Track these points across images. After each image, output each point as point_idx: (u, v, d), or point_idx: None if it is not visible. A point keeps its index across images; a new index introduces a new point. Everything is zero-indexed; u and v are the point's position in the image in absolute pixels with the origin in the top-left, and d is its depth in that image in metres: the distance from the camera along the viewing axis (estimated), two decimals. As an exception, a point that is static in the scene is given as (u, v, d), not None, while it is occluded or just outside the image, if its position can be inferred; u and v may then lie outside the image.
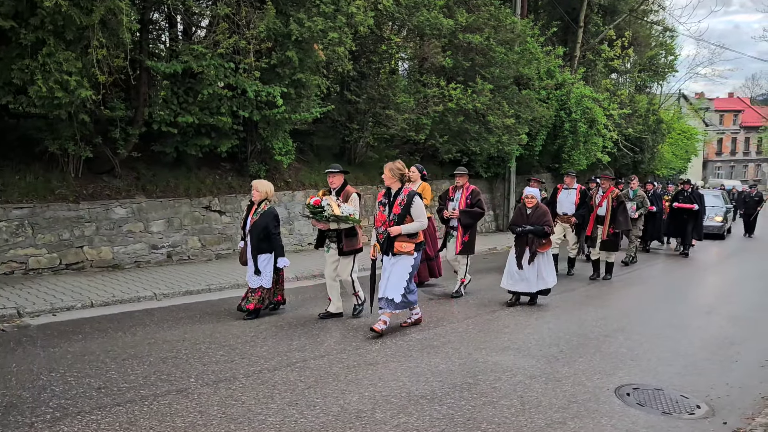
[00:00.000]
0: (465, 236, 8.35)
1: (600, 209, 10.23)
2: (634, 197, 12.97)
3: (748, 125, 66.98)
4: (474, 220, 8.38)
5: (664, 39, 28.49)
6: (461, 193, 8.45)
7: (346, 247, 6.92)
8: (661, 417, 4.54)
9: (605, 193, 10.26)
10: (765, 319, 7.95)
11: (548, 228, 7.84)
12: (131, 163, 10.05)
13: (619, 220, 10.11)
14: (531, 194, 8.08)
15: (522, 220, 8.03)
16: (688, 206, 14.29)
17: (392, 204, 6.35)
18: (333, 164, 7.22)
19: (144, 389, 4.65)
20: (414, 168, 8.69)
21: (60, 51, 7.64)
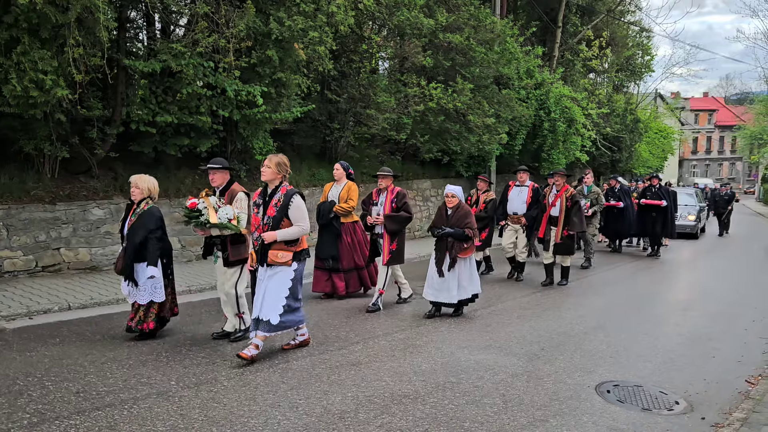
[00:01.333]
0: (393, 244, 7.49)
1: (553, 209, 9.49)
2: (589, 194, 12.41)
3: (723, 124, 68.17)
4: (401, 225, 7.56)
5: (640, 39, 28.88)
6: (386, 196, 7.64)
7: (232, 256, 5.92)
8: (641, 413, 4.59)
9: (559, 191, 9.51)
10: (741, 315, 8.09)
11: (470, 231, 7.07)
12: (109, 164, 9.92)
13: (574, 221, 9.36)
14: (451, 192, 7.28)
15: (442, 221, 7.27)
16: (656, 202, 13.72)
17: (267, 204, 5.43)
18: (215, 158, 6.26)
19: (124, 393, 4.58)
20: (338, 165, 8.16)
21: (35, 49, 7.51)
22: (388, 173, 7.78)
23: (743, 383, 5.37)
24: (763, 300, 9.21)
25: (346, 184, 8.07)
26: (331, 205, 8.01)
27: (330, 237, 8.06)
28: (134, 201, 6.01)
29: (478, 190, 10.08)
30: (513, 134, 17.64)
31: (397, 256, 7.60)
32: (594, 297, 9.08)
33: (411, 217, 7.68)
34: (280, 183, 5.47)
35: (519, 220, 9.83)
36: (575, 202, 9.40)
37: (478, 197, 10.00)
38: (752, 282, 10.99)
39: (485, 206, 9.83)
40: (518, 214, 9.84)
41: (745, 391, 5.12)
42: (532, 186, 9.95)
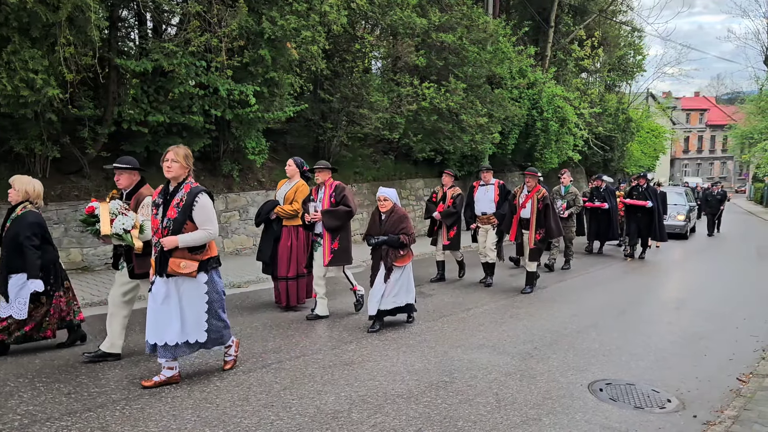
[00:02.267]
0: (334, 243, 6.89)
1: (524, 211, 8.81)
2: (566, 194, 11.78)
3: (714, 124, 68.57)
4: (340, 221, 6.90)
5: (632, 39, 29.02)
6: (324, 191, 7.04)
7: (138, 268, 5.20)
8: (634, 411, 4.61)
9: (530, 192, 8.80)
10: (732, 313, 8.13)
11: (405, 237, 6.48)
12: (100, 163, 9.83)
13: (552, 227, 8.73)
14: (383, 196, 6.64)
15: (375, 228, 6.65)
16: (641, 203, 13.06)
17: (168, 205, 4.66)
18: (123, 157, 5.48)
19: (116, 393, 4.56)
20: (291, 161, 7.47)
21: (26, 48, 7.46)
22: (325, 167, 7.11)
23: (735, 381, 5.40)
24: (754, 298, 9.26)
25: (296, 183, 7.35)
26: (273, 205, 7.37)
27: (267, 240, 7.38)
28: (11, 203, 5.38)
29: (443, 186, 9.58)
30: (506, 134, 17.69)
31: (342, 255, 6.95)
32: (587, 296, 9.10)
33: (351, 212, 6.94)
34: (184, 179, 4.71)
35: (489, 219, 9.36)
36: (547, 205, 8.70)
37: (444, 193, 9.50)
38: (743, 281, 11.06)
39: (453, 202, 9.34)
40: (487, 214, 9.39)
41: (737, 389, 5.15)
42: (497, 183, 9.50)
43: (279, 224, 7.31)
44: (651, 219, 13.13)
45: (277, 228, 7.30)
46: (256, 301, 7.93)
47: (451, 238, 9.40)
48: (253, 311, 7.35)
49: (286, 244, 7.25)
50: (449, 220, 9.30)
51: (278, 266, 7.27)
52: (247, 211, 11.72)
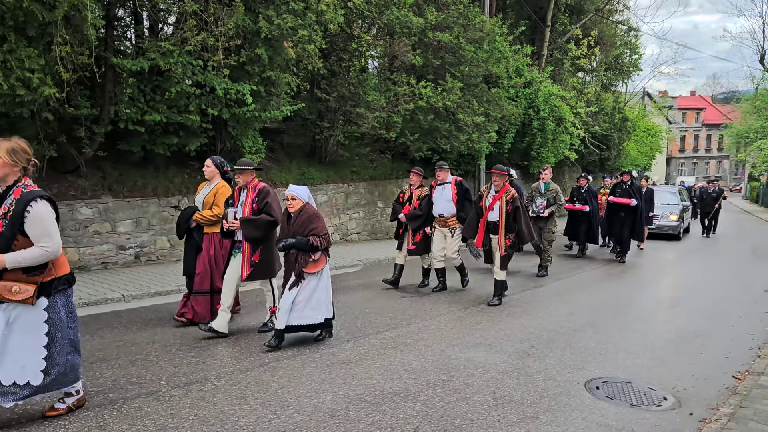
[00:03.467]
0: (255, 255, 6.09)
1: (491, 213, 7.89)
2: (546, 191, 10.92)
3: (710, 123, 68.77)
4: (261, 231, 6.04)
5: (628, 38, 29.09)
6: (246, 195, 6.19)
7: None
8: (630, 409, 4.62)
9: (498, 193, 7.88)
10: (728, 312, 8.16)
11: (316, 239, 5.73)
12: (97, 163, 9.85)
13: (523, 231, 7.85)
14: (291, 194, 5.85)
15: (283, 231, 5.92)
16: (625, 201, 12.39)
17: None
18: None
19: (113, 393, 4.56)
20: (209, 162, 6.60)
21: (22, 47, 7.45)
22: (248, 167, 6.20)
23: (731, 379, 5.42)
24: (750, 296, 9.29)
25: (216, 185, 6.49)
26: (191, 212, 6.53)
27: (190, 252, 6.59)
28: None
29: (411, 186, 8.91)
30: (502, 133, 17.72)
31: (263, 269, 6.16)
32: (583, 295, 9.13)
33: (275, 222, 6.07)
34: (15, 182, 3.81)
35: (447, 222, 8.59)
36: (517, 207, 7.81)
37: (411, 194, 8.85)
38: (739, 279, 11.09)
39: (420, 203, 8.68)
40: (444, 216, 8.59)
41: (733, 387, 5.17)
42: (454, 181, 8.64)
43: (200, 232, 6.51)
44: (635, 218, 12.50)
45: (198, 237, 6.51)
46: (253, 300, 7.93)
47: (417, 243, 8.77)
48: (250, 311, 7.35)
49: (208, 253, 6.43)
50: (414, 223, 8.68)
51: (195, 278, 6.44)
52: (244, 211, 11.70)
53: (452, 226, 8.55)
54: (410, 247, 8.85)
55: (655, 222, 16.54)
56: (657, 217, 16.63)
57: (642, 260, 13.17)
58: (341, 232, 13.99)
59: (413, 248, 8.80)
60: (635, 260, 13.17)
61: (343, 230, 14.00)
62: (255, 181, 6.25)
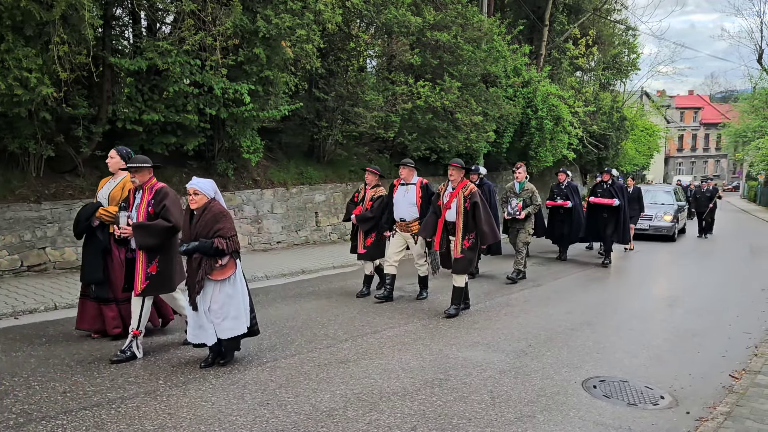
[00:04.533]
0: (151, 266, 5.28)
1: (449, 213, 7.13)
2: (521, 191, 10.04)
3: (708, 122, 68.89)
4: (156, 239, 5.25)
5: (626, 38, 29.11)
6: (141, 197, 5.43)
7: None
8: (627, 408, 4.64)
9: (455, 189, 7.16)
10: (725, 311, 8.18)
11: (222, 241, 4.98)
12: (95, 162, 9.84)
13: (484, 230, 7.03)
14: (193, 188, 5.08)
15: (186, 232, 5.17)
16: (606, 201, 11.73)
17: None
18: None
19: (111, 392, 4.56)
20: (113, 152, 5.92)
21: (19, 47, 7.44)
22: (143, 164, 5.42)
23: (727, 378, 5.44)
24: (747, 296, 9.31)
25: (123, 179, 5.85)
26: (94, 209, 5.82)
27: (94, 253, 5.82)
28: None
29: (366, 185, 8.22)
30: (500, 132, 17.72)
31: (159, 282, 5.36)
32: (580, 294, 9.14)
33: (173, 228, 5.29)
34: None
35: (409, 227, 7.79)
36: (475, 203, 7.00)
37: (364, 194, 8.18)
38: (736, 279, 11.12)
39: (372, 204, 8.02)
40: (406, 221, 7.78)
41: (729, 386, 5.19)
42: (420, 183, 7.85)
43: (105, 232, 5.81)
44: (618, 219, 11.88)
45: (103, 237, 5.80)
46: (252, 299, 7.93)
47: (368, 246, 8.06)
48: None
49: (119, 256, 5.79)
50: (365, 226, 8.01)
51: (112, 284, 5.81)
52: (242, 210, 11.72)
53: (415, 232, 7.74)
54: (361, 251, 8.15)
55: (649, 223, 16.29)
56: (651, 218, 16.33)
57: (639, 261, 13.18)
58: (339, 231, 13.99)
59: (363, 252, 8.10)
60: (633, 261, 13.18)
61: (341, 230, 14.00)
62: (152, 181, 5.50)
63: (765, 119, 35.91)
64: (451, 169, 7.18)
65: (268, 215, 12.21)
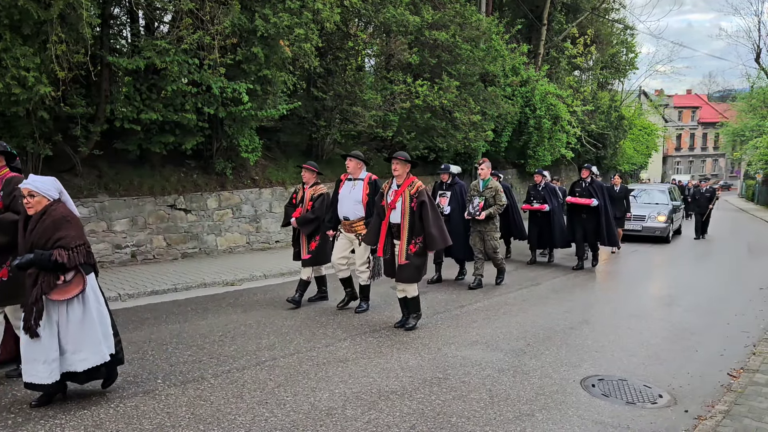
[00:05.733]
0: (1, 270, 4.54)
1: (393, 213, 6.32)
2: (484, 189, 9.00)
3: (706, 121, 68.98)
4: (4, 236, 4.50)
5: (624, 37, 29.14)
6: None
7: None
8: (626, 407, 4.64)
9: (400, 186, 6.34)
10: (723, 310, 8.19)
11: (63, 253, 4.07)
12: (93, 162, 9.83)
13: (432, 234, 6.17)
14: (28, 189, 4.15)
15: (22, 242, 4.26)
16: (583, 201, 10.83)
17: None
18: None
19: (109, 392, 4.55)
20: None
21: (17, 46, 7.42)
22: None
23: (726, 376, 5.44)
24: (745, 295, 9.32)
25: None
26: None
27: None
28: None
29: (305, 185, 7.51)
30: (499, 131, 17.74)
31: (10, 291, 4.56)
32: (579, 293, 9.15)
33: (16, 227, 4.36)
34: None
35: (353, 227, 7.05)
36: (422, 202, 6.20)
37: (303, 193, 7.48)
38: (735, 278, 11.13)
39: (312, 205, 7.33)
40: (350, 219, 7.04)
41: (728, 384, 5.20)
42: (368, 179, 7.07)
43: None
44: (598, 221, 10.94)
45: None
46: (250, 298, 7.94)
47: (312, 251, 7.32)
48: (247, 309, 7.35)
49: None
50: (307, 228, 7.28)
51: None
52: (240, 209, 11.71)
53: (360, 232, 6.99)
54: (305, 257, 7.36)
55: (642, 223, 15.74)
56: (644, 218, 15.76)
57: (637, 260, 13.18)
58: (338, 230, 13.98)
59: (308, 257, 7.32)
60: (631, 260, 13.19)
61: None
62: (4, 170, 4.80)
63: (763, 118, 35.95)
64: (394, 162, 6.32)
65: (266, 214, 12.20)
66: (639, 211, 15.81)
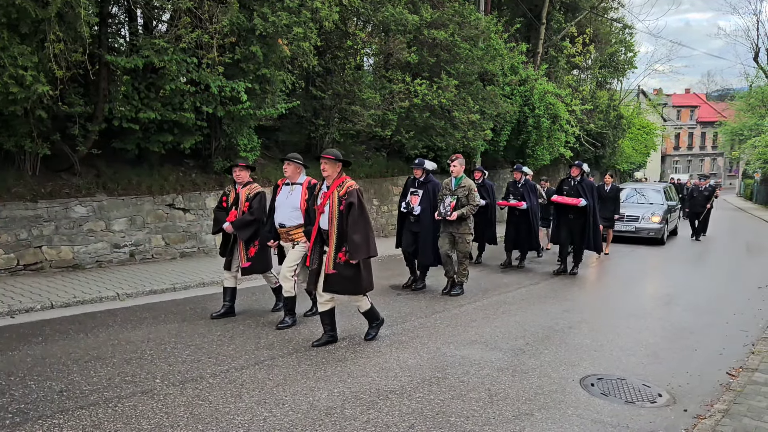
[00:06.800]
0: None
1: (322, 218, 5.72)
2: (457, 188, 8.33)
3: (704, 120, 68.98)
4: None
5: (623, 36, 29.13)
6: None
7: None
8: (625, 406, 4.64)
9: (329, 188, 5.73)
10: (721, 309, 8.19)
11: None
12: (91, 161, 9.81)
13: (354, 241, 5.50)
14: None
15: None
16: (571, 201, 10.16)
17: None
18: None
19: (108, 391, 4.54)
20: None
21: (15, 45, 7.40)
22: None
23: (725, 375, 5.44)
24: (744, 294, 9.33)
25: None
26: None
27: None
28: None
29: (237, 185, 6.84)
30: (498, 130, 17.72)
31: None
32: (577, 292, 9.15)
33: None
34: None
35: (290, 235, 6.44)
36: (351, 203, 5.57)
37: (236, 194, 6.78)
38: (733, 277, 11.13)
39: (250, 205, 6.66)
40: (286, 226, 6.42)
41: (727, 383, 5.19)
42: (307, 183, 6.48)
43: None
44: (585, 222, 10.22)
45: None
46: (248, 298, 7.92)
47: (252, 257, 6.68)
48: (245, 309, 7.34)
49: None
50: (246, 233, 6.62)
51: None
52: (239, 209, 11.67)
53: (297, 240, 6.40)
54: (243, 264, 6.72)
55: (635, 224, 15.23)
56: (638, 219, 15.21)
57: (636, 260, 13.19)
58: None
59: (248, 265, 6.69)
60: (630, 260, 13.19)
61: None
62: None
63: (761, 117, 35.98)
64: (322, 162, 5.67)
65: (265, 214, 12.18)
66: (632, 211, 15.34)
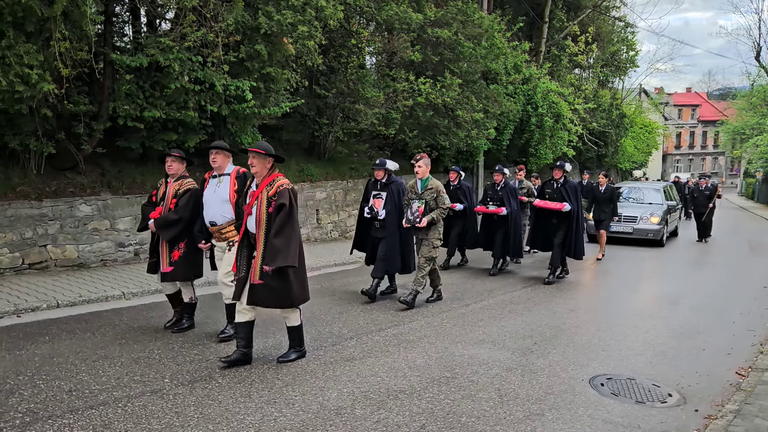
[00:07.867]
0: None
1: (249, 219, 5.11)
2: (423, 191, 7.65)
3: (706, 119, 68.95)
4: None
5: (625, 35, 29.12)
6: None
7: None
8: (635, 406, 4.63)
9: (258, 187, 5.12)
10: (728, 309, 8.18)
11: None
12: (96, 159, 9.79)
13: (275, 246, 4.87)
14: None
15: None
16: (554, 206, 9.44)
17: None
18: None
19: (117, 391, 4.53)
20: None
21: (20, 43, 7.37)
22: None
23: (734, 375, 5.43)
24: (749, 293, 9.31)
25: None
26: None
27: None
28: None
29: (168, 179, 6.12)
30: (501, 129, 17.71)
31: None
32: (583, 292, 9.14)
33: None
34: None
35: (221, 234, 5.73)
36: (281, 205, 4.96)
37: (165, 189, 6.09)
38: (738, 276, 11.12)
39: (177, 202, 5.94)
40: (217, 224, 5.71)
41: (736, 383, 5.18)
42: (236, 172, 5.81)
43: None
44: (569, 227, 9.53)
45: None
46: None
47: (175, 262, 5.91)
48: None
49: None
50: (168, 233, 5.87)
51: None
52: (243, 207, 11.66)
53: (232, 239, 5.64)
54: (165, 269, 5.96)
55: (633, 225, 14.68)
56: (636, 220, 14.71)
57: (638, 260, 13.17)
58: (340, 229, 13.96)
59: (169, 270, 5.93)
60: (632, 260, 13.17)
61: (342, 227, 13.98)
62: None
63: (763, 116, 35.97)
64: (251, 156, 5.07)
65: (268, 212, 12.16)
66: (630, 211, 14.90)
